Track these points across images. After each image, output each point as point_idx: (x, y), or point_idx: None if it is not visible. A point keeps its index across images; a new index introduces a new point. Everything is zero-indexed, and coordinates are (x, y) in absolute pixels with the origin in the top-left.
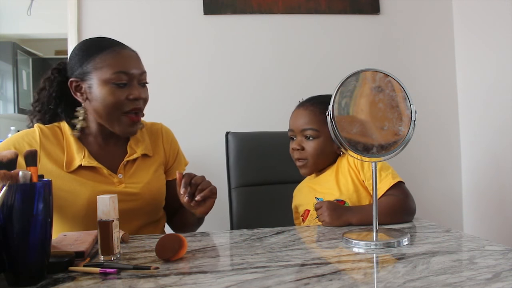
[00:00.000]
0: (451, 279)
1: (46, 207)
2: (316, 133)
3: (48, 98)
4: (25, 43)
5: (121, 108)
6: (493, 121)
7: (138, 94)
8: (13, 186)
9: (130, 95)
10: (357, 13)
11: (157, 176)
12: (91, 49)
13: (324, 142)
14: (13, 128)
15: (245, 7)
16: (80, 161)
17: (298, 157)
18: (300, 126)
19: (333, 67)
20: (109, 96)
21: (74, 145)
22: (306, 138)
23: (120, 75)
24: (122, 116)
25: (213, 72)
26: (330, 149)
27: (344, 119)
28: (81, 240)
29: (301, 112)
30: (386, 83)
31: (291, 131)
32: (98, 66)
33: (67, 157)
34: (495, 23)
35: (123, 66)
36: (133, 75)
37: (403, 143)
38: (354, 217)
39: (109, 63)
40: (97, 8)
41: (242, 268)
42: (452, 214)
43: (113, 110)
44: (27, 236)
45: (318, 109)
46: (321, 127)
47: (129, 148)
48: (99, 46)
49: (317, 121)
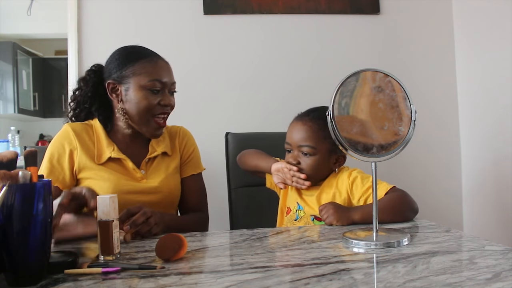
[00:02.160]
0: (451, 279)
1: (46, 207)
2: (313, 151)
3: (83, 97)
4: (25, 43)
5: (151, 111)
6: (493, 121)
7: (169, 101)
8: (13, 186)
9: (161, 101)
10: (357, 13)
11: (174, 173)
12: (132, 55)
13: (321, 159)
14: (13, 128)
15: (245, 7)
16: (110, 154)
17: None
18: (297, 141)
19: (333, 67)
20: (144, 100)
21: (104, 141)
22: (303, 153)
23: (156, 82)
24: (151, 119)
25: (213, 72)
26: (326, 167)
27: (344, 119)
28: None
29: (299, 126)
30: (386, 83)
31: (288, 144)
32: (137, 72)
33: (98, 151)
34: (495, 23)
35: (158, 75)
36: (166, 83)
37: (403, 143)
38: (357, 214)
39: (147, 70)
40: (97, 8)
41: (242, 268)
42: (452, 214)
43: (144, 113)
44: (27, 236)
45: (317, 126)
46: (319, 144)
47: (151, 147)
48: (139, 54)
49: (315, 137)
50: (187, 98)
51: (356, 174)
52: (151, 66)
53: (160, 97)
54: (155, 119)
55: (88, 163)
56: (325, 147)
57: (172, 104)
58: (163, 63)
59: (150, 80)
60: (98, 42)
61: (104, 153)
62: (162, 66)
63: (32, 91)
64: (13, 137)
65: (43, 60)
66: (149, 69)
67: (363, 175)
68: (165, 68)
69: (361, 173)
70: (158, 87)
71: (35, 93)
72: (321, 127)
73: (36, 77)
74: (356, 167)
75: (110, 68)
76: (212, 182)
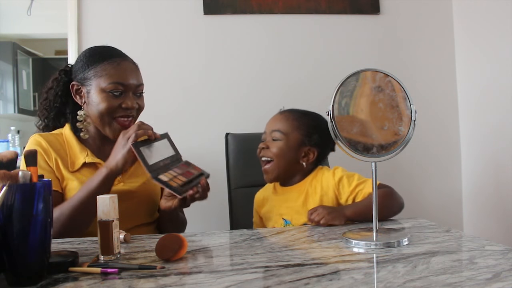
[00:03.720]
0: (451, 279)
1: (46, 207)
2: (281, 136)
3: (54, 97)
4: (25, 43)
5: (112, 114)
6: (493, 121)
7: (131, 104)
8: (13, 186)
9: (123, 104)
10: (357, 13)
11: None
12: (95, 57)
13: (289, 146)
14: (13, 128)
15: (245, 7)
16: (84, 159)
17: (262, 155)
18: (270, 128)
19: (333, 67)
20: (103, 102)
21: (76, 147)
22: (273, 140)
23: (117, 85)
24: (113, 121)
25: (213, 73)
26: (292, 157)
27: (344, 119)
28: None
29: (276, 116)
30: (386, 83)
31: (264, 134)
32: (98, 74)
33: (71, 158)
34: (495, 23)
35: (120, 77)
36: (129, 86)
37: (403, 143)
38: (349, 211)
39: (108, 72)
40: (97, 8)
41: (242, 268)
42: (452, 214)
43: (105, 115)
44: (27, 236)
45: (292, 116)
46: (289, 131)
47: None
48: (102, 55)
49: (287, 125)
50: (187, 98)
51: (341, 173)
52: (113, 68)
53: (121, 100)
54: (118, 120)
55: (64, 171)
56: (295, 135)
57: (136, 107)
58: (127, 64)
59: (110, 82)
60: (98, 42)
61: (78, 159)
62: (126, 68)
63: (32, 91)
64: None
65: (43, 60)
66: (111, 71)
67: (348, 173)
68: (128, 70)
69: (345, 171)
70: (119, 90)
71: (35, 93)
72: (296, 118)
73: (36, 77)
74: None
75: (75, 69)
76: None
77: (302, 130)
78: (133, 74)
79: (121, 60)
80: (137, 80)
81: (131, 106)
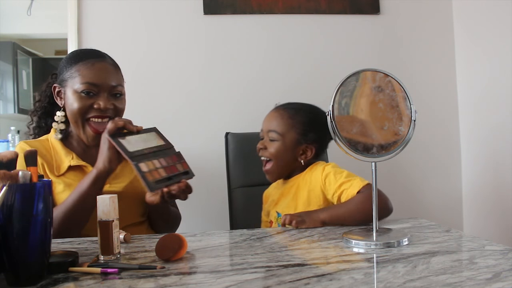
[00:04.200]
0: (451, 279)
1: (46, 207)
2: (278, 136)
3: (44, 98)
4: (25, 43)
5: (84, 114)
6: (493, 121)
7: (103, 105)
8: (13, 186)
9: (95, 104)
10: (357, 13)
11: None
12: (72, 59)
13: (284, 147)
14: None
15: (245, 7)
16: (69, 162)
17: (261, 155)
18: (267, 127)
19: (333, 67)
20: (75, 103)
21: (61, 151)
22: (270, 140)
23: (88, 85)
24: (86, 124)
25: (213, 72)
26: (290, 156)
27: (344, 119)
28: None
29: (271, 114)
30: (386, 83)
31: (261, 131)
32: (72, 75)
33: (56, 162)
34: (495, 23)
35: (92, 78)
36: (102, 86)
37: (403, 143)
38: (324, 214)
39: (81, 73)
40: (97, 8)
41: (242, 268)
42: (452, 214)
43: (77, 116)
44: (27, 236)
45: (287, 114)
46: (285, 131)
47: None
48: (79, 57)
49: (282, 124)
50: (187, 97)
51: (330, 169)
52: (86, 68)
53: (94, 100)
54: (90, 124)
55: (50, 175)
56: (291, 135)
57: (109, 107)
58: (102, 65)
59: (82, 82)
60: (98, 42)
61: (63, 162)
62: (100, 68)
63: (32, 91)
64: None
65: (43, 60)
66: (84, 71)
67: (337, 169)
68: (103, 70)
69: (335, 167)
70: (92, 90)
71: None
72: (291, 116)
73: (36, 77)
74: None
75: (58, 71)
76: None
77: (297, 128)
78: (108, 75)
79: (96, 61)
80: (113, 80)
81: (103, 106)
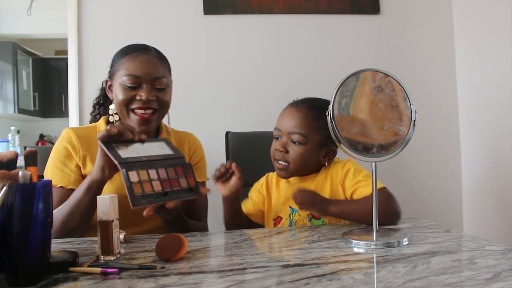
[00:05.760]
0: (451, 279)
1: (46, 207)
2: (304, 139)
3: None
4: (25, 43)
5: (128, 105)
6: (493, 121)
7: (146, 96)
8: (13, 186)
9: (137, 95)
10: (357, 13)
11: None
12: (120, 53)
13: (311, 150)
14: (13, 128)
15: (245, 7)
16: None
17: (279, 159)
18: (288, 128)
19: (333, 67)
20: (120, 94)
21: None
22: (292, 141)
23: (130, 77)
24: (131, 113)
25: (213, 72)
26: (315, 159)
27: (344, 119)
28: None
29: (293, 113)
30: (386, 83)
31: (278, 130)
32: (118, 68)
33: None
34: (495, 23)
35: (134, 70)
36: (144, 78)
37: (403, 143)
38: (334, 208)
39: (125, 66)
40: (97, 8)
41: (242, 268)
42: (452, 214)
43: (122, 107)
44: (27, 236)
45: (312, 115)
46: (311, 134)
47: None
48: (125, 51)
49: (308, 126)
50: (187, 97)
51: (350, 165)
52: (130, 61)
53: (137, 92)
54: (135, 113)
55: (91, 167)
56: (317, 138)
57: (151, 99)
58: (146, 57)
59: (125, 75)
60: (98, 42)
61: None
62: (142, 60)
63: (32, 91)
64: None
65: (43, 60)
66: (127, 64)
67: (357, 167)
68: (145, 62)
69: (355, 165)
70: (134, 82)
71: (35, 93)
72: (316, 116)
73: (36, 77)
74: None
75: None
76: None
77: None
78: (151, 67)
79: (140, 53)
80: (156, 72)
81: (145, 98)
